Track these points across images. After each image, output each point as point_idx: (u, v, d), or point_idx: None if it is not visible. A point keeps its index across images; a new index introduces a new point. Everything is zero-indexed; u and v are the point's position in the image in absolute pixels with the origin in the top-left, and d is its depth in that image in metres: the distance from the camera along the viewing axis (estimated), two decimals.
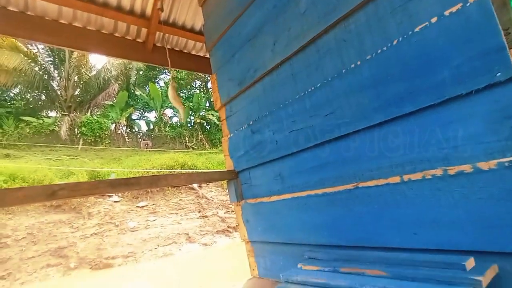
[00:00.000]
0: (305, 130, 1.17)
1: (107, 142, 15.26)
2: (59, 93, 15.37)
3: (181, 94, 19.90)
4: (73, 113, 14.94)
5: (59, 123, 14.06)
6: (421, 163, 0.88)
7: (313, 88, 1.13)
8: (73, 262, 7.02)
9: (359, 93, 0.98)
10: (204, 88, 21.59)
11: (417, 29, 0.85)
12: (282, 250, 1.33)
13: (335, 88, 1.05)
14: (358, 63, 0.97)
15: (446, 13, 0.80)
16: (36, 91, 15.02)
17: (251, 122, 1.44)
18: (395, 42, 0.89)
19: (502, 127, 0.74)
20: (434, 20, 0.82)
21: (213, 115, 16.49)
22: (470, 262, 0.74)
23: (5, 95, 15.87)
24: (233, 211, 9.02)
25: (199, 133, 17.17)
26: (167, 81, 21.07)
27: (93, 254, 7.29)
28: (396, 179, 0.91)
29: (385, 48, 0.91)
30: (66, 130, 13.86)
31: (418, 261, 0.81)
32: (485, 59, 0.74)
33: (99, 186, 1.21)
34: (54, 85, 15.37)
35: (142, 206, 9.10)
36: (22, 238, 7.12)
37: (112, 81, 15.89)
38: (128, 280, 6.36)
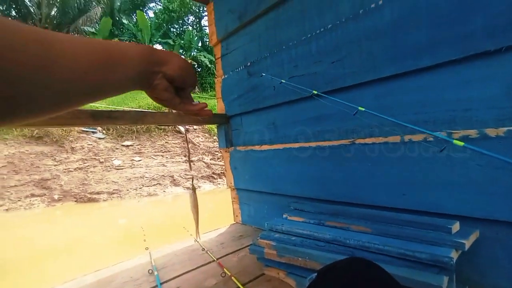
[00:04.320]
0: (307, 77, 1.07)
1: None
2: (32, 11, 13.64)
3: (171, 29, 18.37)
4: None
5: None
6: (426, 124, 0.83)
7: (322, 29, 1.00)
8: (57, 194, 7.15)
9: (374, 40, 0.87)
10: (198, 25, 19.95)
11: None
12: (267, 199, 1.34)
13: (348, 31, 0.93)
14: (380, 2, 0.84)
15: None
16: (4, 5, 13.22)
17: (248, 64, 1.31)
18: None
19: None
20: None
21: (205, 57, 15.49)
22: (456, 226, 0.74)
23: None
24: (218, 158, 9.18)
25: None
26: (156, 11, 19.18)
27: (78, 188, 7.42)
28: (396, 139, 0.87)
29: None
30: None
31: (403, 220, 0.81)
32: None
33: (80, 117, 1.11)
34: (26, 0, 13.52)
35: (128, 146, 9.04)
36: (3, 166, 7.05)
37: (94, 3, 14.25)
38: (114, 215, 6.62)
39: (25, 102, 0.26)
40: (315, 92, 0.69)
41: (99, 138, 9.04)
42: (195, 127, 10.16)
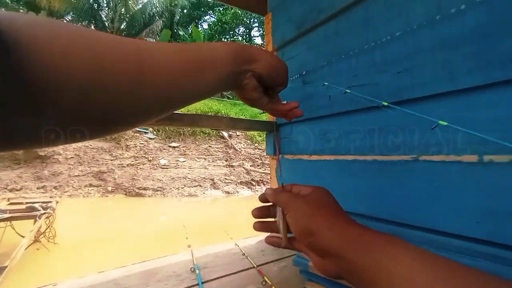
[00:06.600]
0: (367, 87, 1.02)
1: None
2: (107, 25, 15.70)
3: (223, 39, 19.43)
4: None
5: None
6: None
7: (389, 37, 0.95)
8: (110, 186, 7.86)
9: (454, 49, 0.79)
10: (247, 36, 20.82)
11: None
12: None
13: (419, 39, 0.86)
14: (462, 7, 0.76)
15: None
16: (86, 20, 15.42)
17: (304, 72, 1.30)
18: None
19: None
20: None
21: None
22: None
23: None
24: (259, 165, 9.23)
25: None
26: (211, 23, 20.53)
27: (128, 182, 8.08)
28: (473, 158, 0.77)
29: None
30: None
31: (477, 252, 0.71)
32: None
33: None
34: (103, 16, 15.68)
35: (174, 147, 9.61)
36: (71, 157, 8.00)
37: (157, 17, 15.84)
38: (157, 211, 7.02)
39: (123, 113, 0.26)
40: (385, 103, 0.65)
41: (150, 138, 9.79)
42: (237, 133, 10.42)
